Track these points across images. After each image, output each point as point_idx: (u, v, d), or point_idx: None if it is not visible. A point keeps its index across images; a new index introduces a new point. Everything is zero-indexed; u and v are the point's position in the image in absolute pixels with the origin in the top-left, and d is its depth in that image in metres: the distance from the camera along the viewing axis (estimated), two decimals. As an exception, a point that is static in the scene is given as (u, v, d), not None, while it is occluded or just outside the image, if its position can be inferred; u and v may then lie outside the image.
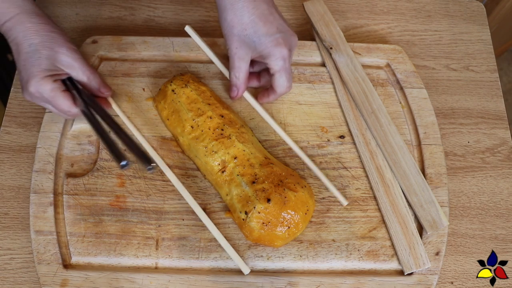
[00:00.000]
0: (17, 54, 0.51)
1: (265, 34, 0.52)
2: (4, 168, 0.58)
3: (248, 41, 0.52)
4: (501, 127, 0.64)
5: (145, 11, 0.70)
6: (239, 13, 0.51)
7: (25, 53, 0.50)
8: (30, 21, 0.51)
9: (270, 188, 0.50)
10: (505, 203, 0.59)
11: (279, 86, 0.55)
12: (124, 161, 0.47)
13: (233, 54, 0.54)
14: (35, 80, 0.50)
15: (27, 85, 0.50)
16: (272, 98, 0.58)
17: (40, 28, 0.51)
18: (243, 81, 0.56)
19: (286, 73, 0.54)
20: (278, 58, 0.53)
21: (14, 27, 0.50)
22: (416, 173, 0.56)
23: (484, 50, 0.69)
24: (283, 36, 0.53)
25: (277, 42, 0.52)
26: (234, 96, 0.57)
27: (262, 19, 0.51)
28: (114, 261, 0.52)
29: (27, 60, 0.50)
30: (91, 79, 0.54)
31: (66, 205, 0.54)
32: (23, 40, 0.50)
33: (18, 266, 0.53)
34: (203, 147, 0.53)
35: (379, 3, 0.72)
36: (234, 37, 0.52)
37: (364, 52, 0.64)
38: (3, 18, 0.50)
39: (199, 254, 0.52)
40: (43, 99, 0.51)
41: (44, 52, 0.51)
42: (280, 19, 0.54)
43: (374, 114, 0.59)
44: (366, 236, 0.54)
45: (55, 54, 0.51)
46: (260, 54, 0.53)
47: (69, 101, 0.52)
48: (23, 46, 0.50)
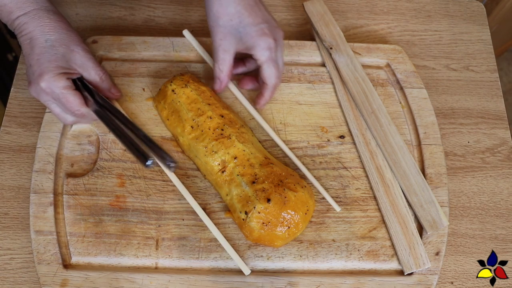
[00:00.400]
0: (29, 48, 0.51)
1: (251, 24, 0.52)
2: (4, 168, 0.58)
3: (234, 31, 0.53)
4: (501, 127, 0.64)
5: (145, 11, 0.70)
6: (225, 3, 0.52)
7: (41, 48, 0.50)
8: (48, 17, 0.51)
9: (270, 188, 0.50)
10: (505, 203, 0.59)
11: (268, 77, 0.55)
12: (150, 160, 0.46)
13: (218, 46, 0.54)
14: (49, 76, 0.49)
15: (38, 79, 0.50)
16: (267, 95, 0.57)
17: (58, 25, 0.51)
18: (227, 73, 0.56)
19: (273, 63, 0.54)
20: (264, 48, 0.53)
21: (29, 22, 0.50)
22: (416, 173, 0.56)
23: (484, 50, 0.69)
24: (268, 26, 0.53)
25: (263, 32, 0.53)
26: (218, 88, 0.57)
27: (248, 9, 0.52)
28: (114, 261, 0.52)
29: (42, 54, 0.50)
30: (103, 79, 0.55)
31: (66, 205, 0.54)
32: (40, 35, 0.50)
33: (18, 266, 0.53)
34: (203, 147, 0.53)
35: (379, 3, 0.72)
36: (219, 28, 0.53)
37: (364, 52, 0.64)
38: (18, 12, 0.50)
39: (199, 254, 0.52)
40: (52, 95, 0.51)
41: (60, 49, 0.51)
42: (265, 11, 0.54)
43: (374, 114, 0.59)
44: (366, 236, 0.54)
45: (71, 52, 0.52)
46: (245, 45, 0.53)
47: (80, 99, 0.52)
48: (39, 40, 0.50)
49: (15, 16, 0.51)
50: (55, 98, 0.51)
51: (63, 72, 0.51)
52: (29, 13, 0.51)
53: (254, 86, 0.60)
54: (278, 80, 0.56)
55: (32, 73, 0.51)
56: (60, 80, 0.50)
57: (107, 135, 0.57)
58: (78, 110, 0.52)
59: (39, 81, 0.50)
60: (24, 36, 0.51)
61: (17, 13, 0.50)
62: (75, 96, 0.51)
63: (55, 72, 0.50)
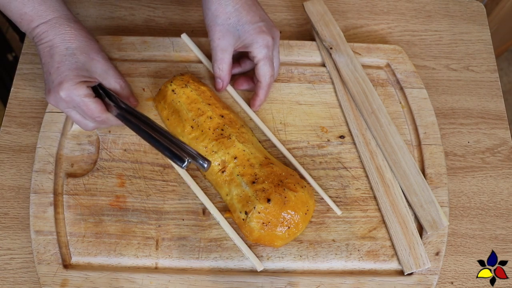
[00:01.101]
0: (49, 56, 0.50)
1: (249, 22, 0.53)
2: (4, 168, 0.58)
3: (232, 29, 0.53)
4: (501, 127, 0.64)
5: (145, 11, 0.70)
6: (224, 2, 0.52)
7: (61, 56, 0.50)
8: (68, 25, 0.51)
9: (270, 188, 0.50)
10: (505, 203, 0.59)
11: (263, 75, 0.55)
12: (185, 161, 0.46)
13: (216, 45, 0.54)
14: (69, 84, 0.49)
15: (58, 88, 0.49)
16: (262, 94, 0.57)
17: (78, 34, 0.52)
18: (227, 72, 0.56)
19: (270, 61, 0.55)
20: (261, 46, 0.53)
21: (50, 30, 0.50)
22: (416, 173, 0.56)
23: (484, 50, 0.69)
24: (266, 25, 0.54)
25: (261, 29, 0.53)
26: (220, 88, 0.58)
27: (245, 8, 0.53)
28: (114, 261, 0.52)
29: (62, 63, 0.50)
30: (123, 87, 0.55)
31: (66, 205, 0.54)
32: (60, 43, 0.50)
33: (18, 266, 0.53)
34: (203, 147, 0.53)
35: (379, 3, 0.72)
36: (217, 27, 0.53)
37: (364, 52, 0.64)
38: (38, 20, 0.50)
39: (199, 254, 0.52)
40: (72, 103, 0.50)
41: (81, 57, 0.51)
42: (262, 10, 0.55)
43: (374, 114, 0.59)
44: (366, 236, 0.54)
45: (91, 61, 0.52)
46: (243, 43, 0.54)
47: (101, 106, 0.51)
48: (59, 48, 0.50)
49: (35, 25, 0.50)
50: (75, 106, 0.51)
51: (83, 81, 0.50)
52: (50, 21, 0.50)
53: (249, 86, 0.60)
54: (272, 79, 0.56)
55: (52, 81, 0.50)
56: (80, 88, 0.50)
57: (107, 135, 0.57)
58: (99, 117, 0.52)
59: (58, 89, 0.49)
60: (43, 44, 0.51)
61: (38, 22, 0.50)
62: (96, 103, 0.51)
63: (75, 80, 0.49)
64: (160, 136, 0.49)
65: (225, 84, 0.57)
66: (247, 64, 0.60)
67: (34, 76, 0.63)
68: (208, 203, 0.53)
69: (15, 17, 0.51)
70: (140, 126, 0.50)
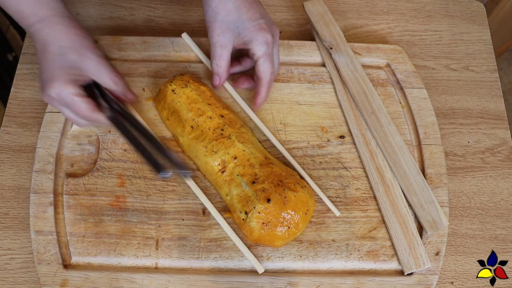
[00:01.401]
0: (42, 53, 0.51)
1: (249, 19, 0.53)
2: (4, 168, 0.58)
3: (232, 26, 0.53)
4: (501, 127, 0.64)
5: (145, 11, 0.70)
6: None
7: (53, 54, 0.50)
8: (62, 23, 0.51)
9: (270, 188, 0.50)
10: (505, 203, 0.59)
11: (263, 72, 0.55)
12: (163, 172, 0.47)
13: (215, 42, 0.54)
14: (58, 83, 0.49)
15: (48, 86, 0.49)
16: (263, 92, 0.57)
17: (71, 32, 0.51)
18: (225, 69, 0.56)
19: (270, 58, 0.55)
20: (261, 43, 0.53)
21: (44, 28, 0.50)
22: (416, 173, 0.56)
23: (484, 50, 0.69)
24: (266, 22, 0.54)
25: (261, 27, 0.53)
26: (216, 84, 0.58)
27: (246, 5, 0.53)
28: (114, 261, 0.52)
29: (53, 61, 0.50)
30: (117, 84, 0.54)
31: (66, 205, 0.54)
32: (53, 41, 0.50)
33: (18, 266, 0.53)
34: (203, 147, 0.53)
35: (379, 3, 0.72)
36: (217, 24, 0.53)
37: (364, 52, 0.64)
38: (33, 18, 0.50)
39: (199, 254, 0.52)
40: (62, 102, 0.50)
41: (72, 56, 0.51)
42: (262, 7, 0.55)
43: (374, 114, 0.59)
44: (366, 236, 0.54)
45: (83, 59, 0.51)
46: (243, 40, 0.54)
47: (90, 105, 0.51)
48: (51, 46, 0.50)
49: (31, 22, 0.51)
50: (65, 105, 0.51)
51: (73, 80, 0.50)
52: (45, 20, 0.50)
53: (249, 85, 0.60)
54: (273, 76, 0.56)
55: (42, 79, 0.50)
56: (70, 87, 0.49)
57: (107, 135, 0.57)
58: (89, 117, 0.51)
59: (49, 88, 0.49)
60: (38, 42, 0.51)
61: (33, 20, 0.50)
62: (86, 102, 0.50)
63: (64, 79, 0.49)
64: (146, 142, 0.49)
65: (222, 80, 0.57)
66: (248, 63, 0.60)
67: (34, 76, 0.63)
68: (208, 203, 0.53)
69: (13, 14, 0.51)
70: (127, 129, 0.50)
